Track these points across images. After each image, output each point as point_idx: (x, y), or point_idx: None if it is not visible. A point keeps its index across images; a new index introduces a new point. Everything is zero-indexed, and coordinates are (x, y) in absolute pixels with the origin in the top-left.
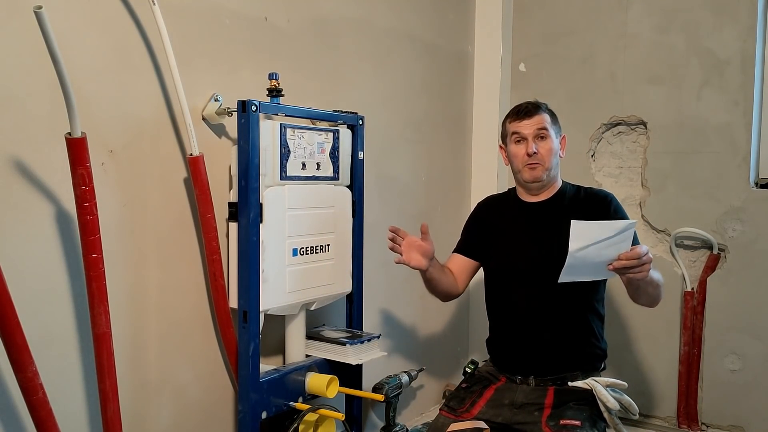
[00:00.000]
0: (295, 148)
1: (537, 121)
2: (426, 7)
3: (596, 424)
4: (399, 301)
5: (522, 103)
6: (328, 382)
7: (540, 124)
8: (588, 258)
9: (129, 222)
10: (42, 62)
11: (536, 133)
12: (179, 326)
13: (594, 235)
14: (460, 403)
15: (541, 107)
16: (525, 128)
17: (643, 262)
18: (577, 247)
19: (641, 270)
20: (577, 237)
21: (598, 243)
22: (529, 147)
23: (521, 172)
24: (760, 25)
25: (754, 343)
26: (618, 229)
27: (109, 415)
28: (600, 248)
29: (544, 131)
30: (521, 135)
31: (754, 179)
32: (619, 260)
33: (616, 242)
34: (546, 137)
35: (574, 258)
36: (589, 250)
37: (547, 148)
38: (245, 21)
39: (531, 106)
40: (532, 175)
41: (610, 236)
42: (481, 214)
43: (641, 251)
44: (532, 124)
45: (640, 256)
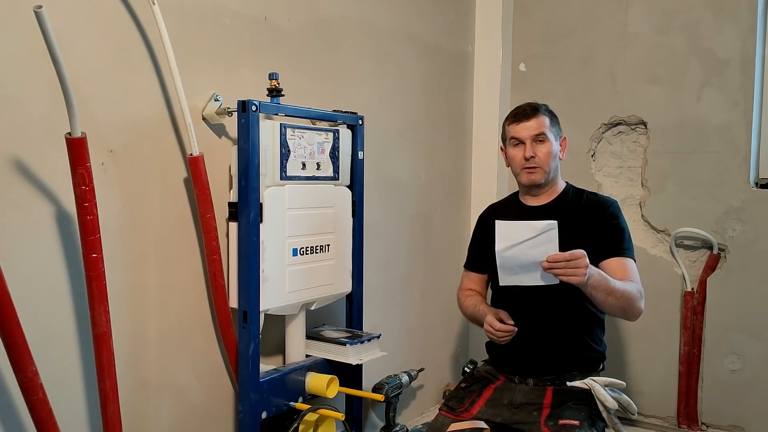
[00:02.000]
0: (295, 148)
1: (535, 125)
2: (426, 7)
3: (595, 423)
4: (399, 301)
5: (521, 105)
6: (328, 382)
7: (538, 128)
8: (518, 259)
9: (129, 222)
10: (42, 62)
11: (534, 136)
12: (179, 326)
13: (516, 235)
14: (460, 403)
15: (540, 109)
16: (523, 132)
17: (574, 265)
18: (503, 246)
19: (573, 273)
20: (501, 237)
21: (522, 243)
22: (527, 151)
23: (520, 175)
24: (760, 25)
25: (754, 343)
26: (539, 229)
27: (109, 415)
28: (526, 248)
29: (542, 135)
30: (519, 139)
31: (754, 179)
32: (548, 261)
33: (540, 243)
34: (544, 141)
35: (502, 258)
36: (515, 251)
37: (546, 152)
38: (245, 21)
39: (530, 109)
40: (530, 179)
41: (532, 236)
42: (482, 226)
43: (570, 253)
44: (530, 127)
45: (568, 258)
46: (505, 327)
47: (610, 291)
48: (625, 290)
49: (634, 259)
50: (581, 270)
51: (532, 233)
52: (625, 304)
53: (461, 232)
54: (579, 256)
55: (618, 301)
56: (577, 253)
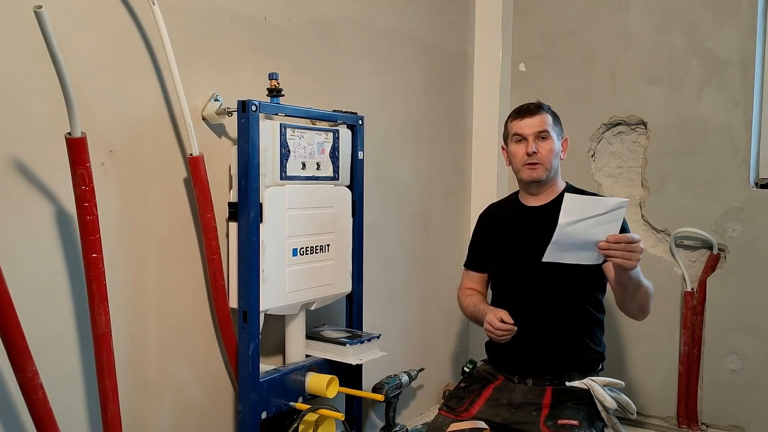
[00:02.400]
0: (295, 148)
1: (538, 122)
2: (426, 7)
3: (594, 423)
4: (399, 301)
5: (524, 104)
6: (328, 382)
7: (541, 125)
8: (576, 235)
9: (129, 222)
10: (42, 62)
11: (537, 133)
12: (179, 326)
13: (585, 210)
14: (459, 403)
15: (543, 107)
16: (526, 128)
17: (632, 249)
18: (567, 221)
19: (629, 257)
20: (567, 211)
21: (588, 219)
22: (529, 146)
23: (520, 171)
24: (760, 26)
25: (754, 343)
26: (609, 206)
27: (109, 415)
28: (589, 226)
29: (545, 132)
30: (522, 135)
31: (754, 179)
32: (608, 241)
33: (605, 221)
34: (547, 138)
35: (562, 233)
36: (578, 226)
37: (548, 149)
38: (245, 21)
39: (533, 106)
40: (531, 175)
41: (600, 213)
42: (482, 225)
43: (631, 236)
44: (533, 123)
45: (629, 241)
46: (505, 326)
47: (639, 285)
48: (649, 288)
49: None
50: (637, 255)
51: (601, 210)
52: (646, 303)
53: (461, 232)
54: (637, 240)
55: (644, 298)
56: (636, 237)
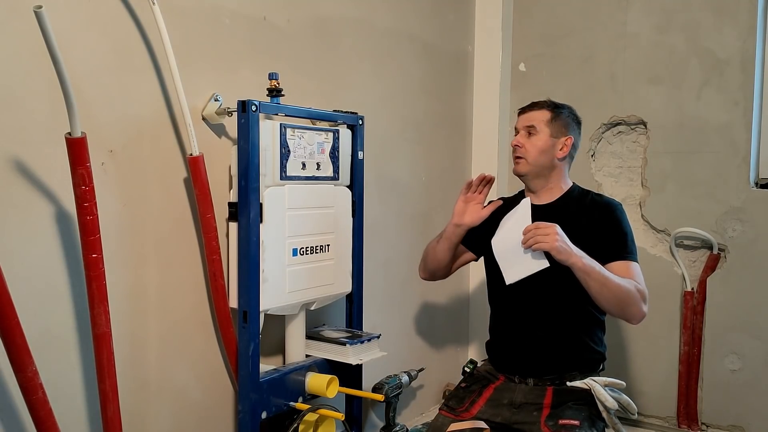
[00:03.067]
0: (295, 148)
1: (531, 116)
2: (426, 7)
3: (595, 423)
4: (399, 301)
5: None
6: (328, 382)
7: (530, 120)
8: (507, 244)
9: (129, 222)
10: (42, 62)
11: (526, 128)
12: (179, 326)
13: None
14: (460, 403)
15: (546, 104)
16: (520, 122)
17: (543, 232)
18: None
19: (543, 239)
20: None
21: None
22: (516, 139)
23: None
24: (760, 25)
25: (754, 343)
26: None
27: (109, 415)
28: (509, 232)
29: (533, 128)
30: (517, 128)
31: (754, 179)
32: (523, 234)
33: (519, 224)
34: (534, 133)
35: (497, 248)
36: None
37: (533, 143)
38: (245, 21)
39: (537, 102)
40: (515, 169)
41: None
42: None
43: (534, 224)
44: (526, 118)
45: (535, 227)
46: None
47: (604, 281)
48: (621, 285)
49: (638, 262)
50: (551, 234)
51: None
52: (623, 301)
53: None
54: (546, 225)
55: (614, 296)
56: (544, 223)
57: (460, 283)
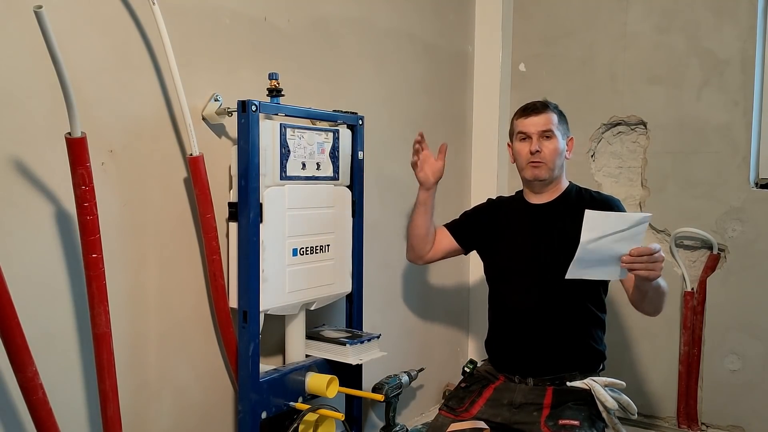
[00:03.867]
0: (295, 148)
1: (543, 120)
2: (426, 7)
3: (595, 423)
4: (399, 301)
5: (531, 102)
6: (328, 382)
7: (545, 124)
8: (598, 251)
9: (129, 222)
10: (42, 62)
11: (541, 132)
12: (179, 326)
13: (608, 226)
14: (460, 403)
15: (549, 106)
16: (530, 126)
17: (655, 260)
18: (589, 238)
19: (653, 268)
20: (590, 228)
21: (611, 235)
22: (533, 145)
23: (524, 169)
24: (760, 26)
25: (754, 343)
26: (632, 221)
27: (109, 415)
28: (612, 241)
29: (549, 131)
30: (526, 133)
31: (754, 179)
32: (631, 255)
33: (628, 236)
34: (551, 137)
35: (585, 250)
36: (601, 243)
37: (552, 148)
38: (245, 21)
39: (539, 105)
40: (534, 174)
41: (623, 229)
42: (489, 209)
43: (653, 247)
44: (538, 122)
45: (652, 253)
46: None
47: (658, 289)
48: (665, 288)
49: None
50: (659, 265)
51: (624, 225)
52: (661, 303)
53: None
54: (658, 250)
55: (660, 299)
56: (657, 247)
57: (461, 283)
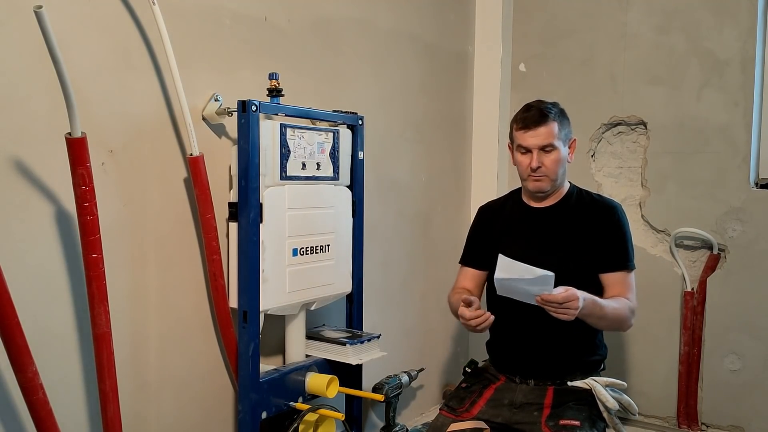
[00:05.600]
0: (295, 148)
1: (543, 134)
2: (426, 7)
3: (595, 423)
4: (399, 301)
5: (530, 108)
6: (328, 382)
7: (547, 138)
8: (514, 288)
9: (129, 222)
10: (42, 62)
11: (541, 147)
12: (179, 326)
13: (516, 273)
14: (460, 403)
15: (549, 115)
16: (530, 140)
17: (565, 308)
18: (501, 277)
19: (564, 313)
20: (501, 269)
21: (521, 281)
22: (534, 161)
23: (526, 181)
24: (760, 26)
25: (754, 343)
26: (537, 276)
27: (109, 415)
28: (522, 284)
29: (550, 145)
30: (526, 147)
31: (754, 179)
32: (542, 299)
33: (536, 284)
34: (552, 150)
35: (500, 284)
36: (513, 283)
37: (552, 160)
38: (245, 21)
39: (538, 116)
40: (536, 186)
41: (530, 278)
42: (483, 221)
43: (563, 296)
44: (537, 137)
45: (560, 301)
46: (474, 313)
47: (601, 316)
48: (616, 313)
49: (634, 268)
50: (572, 312)
51: (530, 275)
52: (616, 325)
53: (461, 232)
54: (572, 298)
55: (609, 324)
56: (571, 296)
57: None
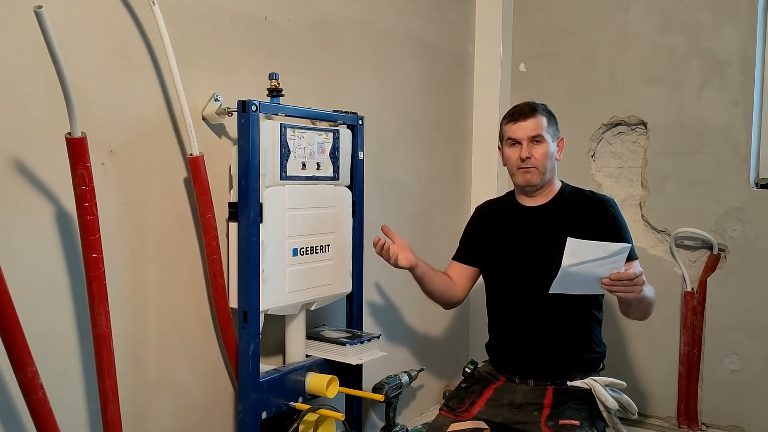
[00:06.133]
0: (295, 148)
1: (532, 125)
2: (426, 7)
3: (595, 423)
4: (399, 301)
5: (518, 105)
6: (328, 382)
7: (535, 129)
8: (580, 274)
9: (129, 222)
10: (42, 62)
11: (531, 137)
12: (179, 326)
13: (588, 254)
14: (460, 403)
15: (537, 109)
16: (519, 132)
17: (634, 284)
18: (570, 263)
19: (631, 291)
20: (571, 254)
21: (591, 262)
22: (523, 151)
23: (515, 175)
24: (760, 26)
25: (754, 343)
26: (612, 251)
27: (109, 415)
28: (593, 266)
29: (539, 136)
30: (515, 139)
31: (754, 179)
32: (610, 279)
33: (608, 263)
34: (541, 141)
35: (566, 272)
36: (582, 267)
37: (542, 152)
38: (245, 21)
39: (527, 109)
40: (525, 179)
41: (603, 257)
42: (479, 219)
43: (633, 273)
44: (526, 127)
45: (631, 278)
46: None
47: (642, 299)
48: (652, 298)
49: (638, 257)
50: (638, 288)
51: (604, 254)
52: (648, 311)
53: (461, 231)
54: (639, 275)
55: (647, 308)
56: (637, 272)
57: None
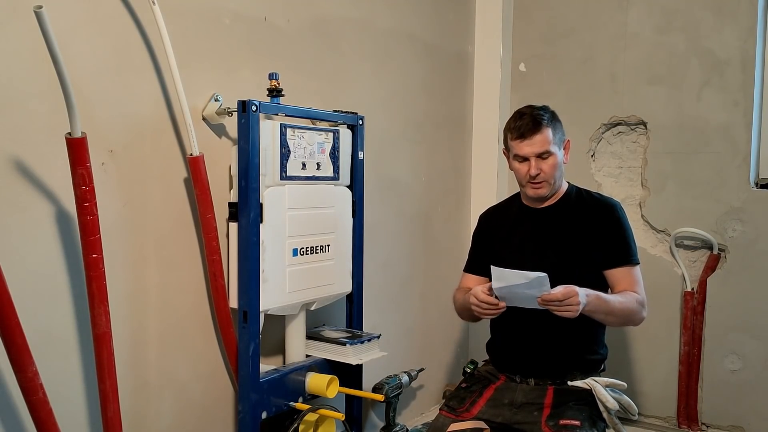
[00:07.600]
0: (295, 148)
1: (539, 143)
2: (426, 7)
3: (596, 424)
4: (399, 301)
5: (523, 116)
6: (328, 382)
7: (542, 146)
8: (514, 294)
9: (129, 222)
10: (42, 62)
11: (538, 154)
12: (179, 326)
13: (511, 280)
14: (460, 403)
15: (542, 122)
16: (526, 149)
17: (566, 304)
18: (498, 287)
19: (567, 310)
20: (497, 278)
21: (517, 285)
22: (532, 168)
23: (525, 188)
24: (760, 26)
25: (754, 343)
26: (530, 278)
27: (109, 415)
28: (522, 288)
29: (547, 152)
30: (523, 156)
31: (754, 179)
32: (543, 299)
33: (535, 286)
34: (548, 156)
35: (500, 293)
36: (512, 289)
37: (550, 165)
38: (245, 21)
39: (532, 124)
40: (536, 193)
41: (525, 282)
42: (484, 227)
43: (562, 293)
44: (533, 145)
45: (560, 299)
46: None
47: (609, 311)
48: (624, 307)
49: (639, 263)
50: (574, 307)
51: (524, 279)
52: (625, 319)
53: (461, 232)
54: (572, 295)
55: (618, 319)
56: (570, 292)
57: None
